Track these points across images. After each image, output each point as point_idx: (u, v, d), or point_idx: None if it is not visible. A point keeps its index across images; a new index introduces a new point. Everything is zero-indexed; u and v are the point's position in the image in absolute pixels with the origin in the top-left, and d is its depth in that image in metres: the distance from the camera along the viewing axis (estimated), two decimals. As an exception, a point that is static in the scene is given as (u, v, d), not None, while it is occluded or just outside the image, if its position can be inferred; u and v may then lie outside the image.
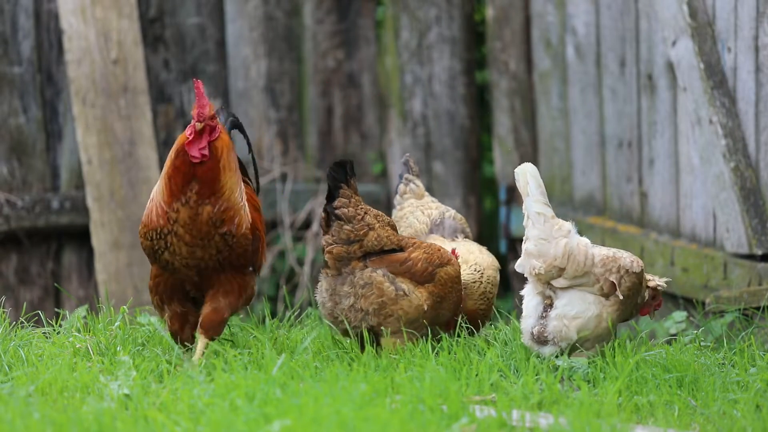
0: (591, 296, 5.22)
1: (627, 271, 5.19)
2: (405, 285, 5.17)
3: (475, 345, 5.36)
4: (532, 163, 5.40)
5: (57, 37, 7.51)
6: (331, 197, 5.17)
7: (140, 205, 7.53)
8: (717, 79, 6.41)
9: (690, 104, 6.55)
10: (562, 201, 7.61)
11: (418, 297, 5.18)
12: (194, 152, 5.06)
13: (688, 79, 6.53)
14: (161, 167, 7.64)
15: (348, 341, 5.27)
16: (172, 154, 5.11)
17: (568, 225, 5.24)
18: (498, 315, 5.72)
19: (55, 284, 7.57)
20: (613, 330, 5.23)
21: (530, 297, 5.27)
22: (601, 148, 7.40)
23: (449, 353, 5.10)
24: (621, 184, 7.28)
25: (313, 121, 8.09)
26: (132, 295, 7.42)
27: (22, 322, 5.42)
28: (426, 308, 5.19)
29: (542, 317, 5.22)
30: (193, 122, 5.05)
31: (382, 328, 5.15)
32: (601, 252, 5.23)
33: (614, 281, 5.17)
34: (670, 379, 4.86)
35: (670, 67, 6.77)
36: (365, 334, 5.17)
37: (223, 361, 5.02)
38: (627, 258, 5.23)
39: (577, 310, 5.18)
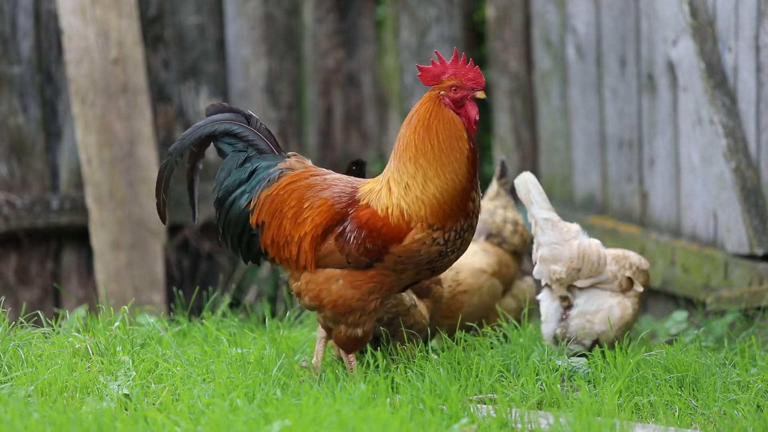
0: (608, 292, 5.31)
1: (638, 268, 5.31)
2: (413, 296, 5.22)
3: (475, 346, 5.36)
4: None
5: (56, 36, 7.50)
6: None
7: (140, 204, 7.53)
8: (718, 78, 6.40)
9: (691, 104, 6.54)
10: (563, 201, 7.61)
11: (423, 308, 5.24)
12: (476, 125, 4.61)
13: (688, 78, 6.53)
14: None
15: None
16: (451, 134, 4.57)
17: (575, 227, 5.32)
18: (502, 315, 5.72)
19: (55, 284, 7.56)
20: (634, 323, 5.32)
21: (548, 302, 5.34)
22: (602, 148, 7.39)
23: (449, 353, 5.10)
24: (621, 184, 7.27)
25: (313, 120, 8.08)
26: (132, 296, 7.41)
27: (21, 322, 5.42)
28: (425, 322, 5.23)
29: (562, 319, 5.30)
30: (465, 92, 4.58)
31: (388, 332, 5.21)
32: (609, 251, 5.33)
33: (630, 276, 5.27)
34: (670, 379, 4.85)
35: (671, 67, 6.76)
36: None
37: (224, 361, 5.01)
38: (635, 256, 5.35)
39: (598, 304, 5.27)
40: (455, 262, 4.83)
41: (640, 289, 5.31)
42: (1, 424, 4.18)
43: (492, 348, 5.27)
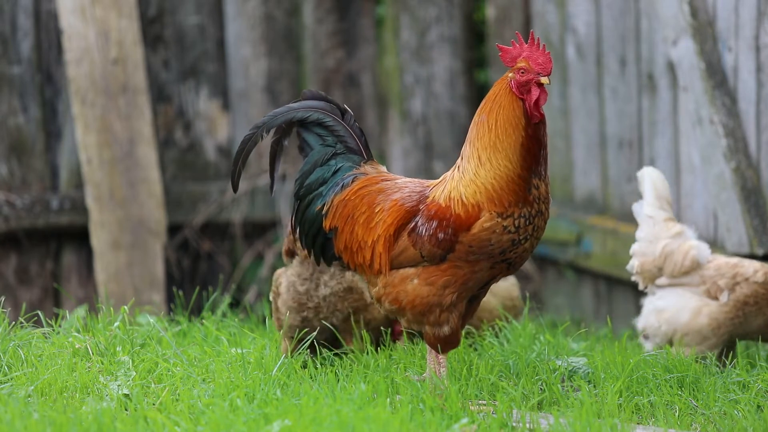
0: (690, 294, 5.28)
1: (746, 279, 5.23)
2: None
3: (475, 347, 5.35)
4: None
5: (56, 36, 7.50)
6: None
7: (140, 204, 7.53)
8: (718, 78, 6.40)
9: (691, 104, 6.54)
10: (563, 201, 7.61)
11: None
12: (540, 110, 4.53)
13: (688, 78, 6.52)
14: (160, 166, 7.65)
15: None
16: (507, 120, 4.51)
17: (678, 227, 5.33)
18: (504, 316, 5.71)
19: (55, 284, 7.56)
20: (720, 334, 5.25)
21: (649, 296, 5.40)
22: (602, 148, 7.39)
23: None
24: (622, 184, 7.27)
25: (313, 120, 8.08)
26: (132, 296, 7.41)
27: (21, 322, 5.41)
28: (389, 318, 5.16)
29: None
30: (531, 76, 4.51)
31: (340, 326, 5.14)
32: (722, 259, 5.32)
33: (722, 285, 5.22)
34: (670, 379, 4.85)
35: (671, 67, 6.76)
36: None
37: (224, 361, 5.01)
38: (750, 267, 5.27)
39: (666, 302, 5.29)
40: None
41: (725, 298, 5.25)
42: (1, 424, 4.18)
43: (492, 348, 5.27)
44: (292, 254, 5.16)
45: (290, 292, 5.14)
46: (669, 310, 5.29)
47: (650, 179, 5.43)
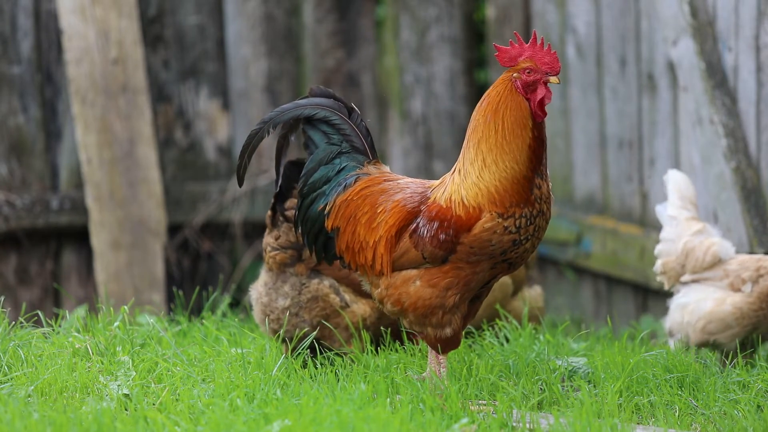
0: (714, 288, 5.33)
1: None
2: (348, 296, 5.10)
3: (473, 347, 5.35)
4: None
5: (56, 36, 7.50)
6: (281, 197, 5.03)
7: (140, 204, 7.52)
8: (718, 78, 6.40)
9: (691, 104, 6.54)
10: (563, 201, 7.61)
11: (361, 308, 5.12)
12: (545, 110, 4.52)
13: (689, 78, 6.52)
14: (161, 167, 7.65)
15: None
16: (515, 121, 4.49)
17: (699, 225, 5.41)
18: (503, 316, 5.72)
19: (55, 284, 7.56)
20: (744, 325, 5.27)
21: (674, 296, 5.47)
22: (602, 148, 7.39)
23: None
24: (622, 184, 7.27)
25: (313, 120, 8.07)
26: (132, 296, 7.41)
27: (21, 322, 5.41)
28: (368, 321, 5.14)
29: None
30: (539, 76, 4.51)
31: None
32: (746, 256, 5.38)
33: (745, 278, 5.27)
34: (670, 379, 4.85)
35: (671, 67, 6.76)
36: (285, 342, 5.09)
37: (224, 361, 5.01)
38: None
39: (690, 298, 5.35)
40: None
41: (748, 289, 5.29)
42: (1, 424, 4.18)
43: (492, 348, 5.27)
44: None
45: (258, 304, 5.12)
46: (692, 303, 5.33)
47: (674, 181, 5.51)
